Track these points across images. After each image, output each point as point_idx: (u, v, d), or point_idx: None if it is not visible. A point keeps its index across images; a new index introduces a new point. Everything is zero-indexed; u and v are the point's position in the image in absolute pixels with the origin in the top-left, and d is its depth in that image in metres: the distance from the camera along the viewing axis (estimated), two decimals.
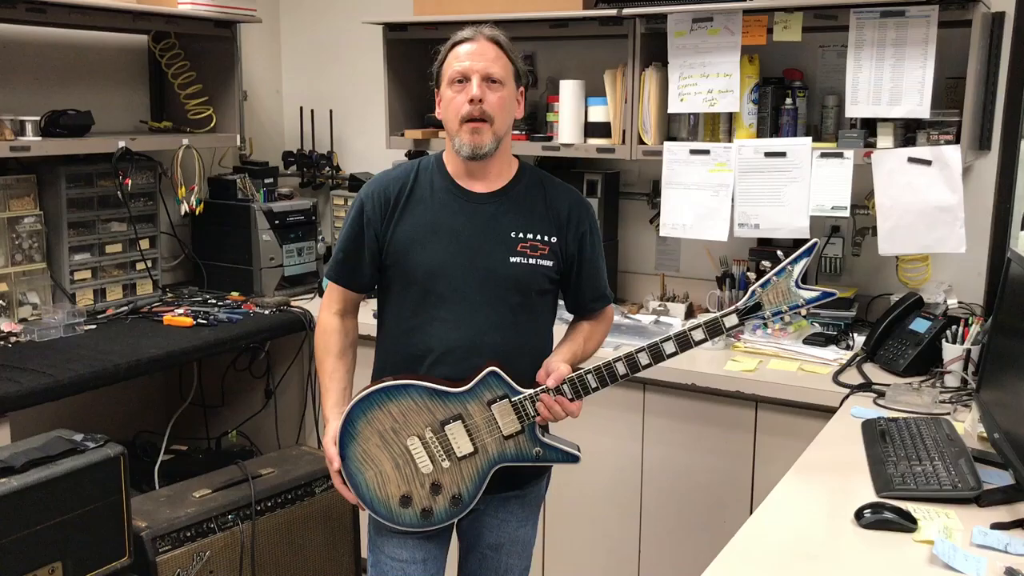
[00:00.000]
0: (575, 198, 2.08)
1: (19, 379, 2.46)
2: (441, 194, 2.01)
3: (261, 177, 3.62)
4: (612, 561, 2.85)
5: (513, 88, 1.99)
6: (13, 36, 3.11)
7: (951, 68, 2.66)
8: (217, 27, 3.42)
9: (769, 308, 1.89)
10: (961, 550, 1.56)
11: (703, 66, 2.85)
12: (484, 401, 1.94)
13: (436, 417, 1.94)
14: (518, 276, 1.98)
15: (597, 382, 1.93)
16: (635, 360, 1.92)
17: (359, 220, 2.03)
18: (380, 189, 2.03)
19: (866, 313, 2.98)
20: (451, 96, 1.94)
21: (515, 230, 1.99)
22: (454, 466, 1.95)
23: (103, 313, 3.17)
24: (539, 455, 1.97)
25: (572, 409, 1.95)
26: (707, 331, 1.89)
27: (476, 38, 1.95)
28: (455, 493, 1.96)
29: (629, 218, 3.36)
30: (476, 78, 1.91)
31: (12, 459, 2.03)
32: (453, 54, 1.95)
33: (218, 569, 2.48)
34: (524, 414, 1.94)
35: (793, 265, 1.86)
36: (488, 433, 1.94)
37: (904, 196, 2.64)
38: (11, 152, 2.81)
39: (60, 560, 2.05)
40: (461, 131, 1.93)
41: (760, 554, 1.62)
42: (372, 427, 1.95)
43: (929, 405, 2.29)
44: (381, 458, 1.96)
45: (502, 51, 1.96)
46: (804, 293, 1.87)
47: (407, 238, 1.99)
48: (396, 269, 2.01)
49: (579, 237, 2.04)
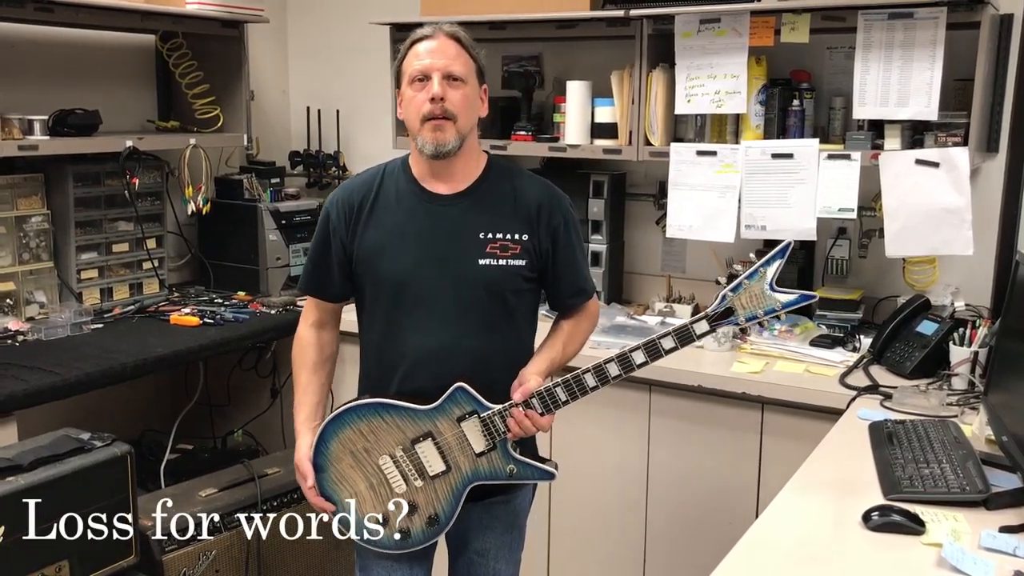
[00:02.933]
0: (546, 191, 2.00)
1: (26, 378, 2.47)
2: (406, 198, 1.96)
3: (268, 177, 3.63)
4: (617, 562, 2.85)
5: (476, 85, 1.94)
6: (22, 35, 3.12)
7: (959, 70, 2.66)
8: (224, 27, 3.43)
9: (743, 313, 1.80)
10: (970, 553, 1.55)
11: (710, 67, 2.85)
12: (453, 418, 1.90)
13: (406, 435, 1.91)
14: (489, 278, 1.92)
15: (567, 395, 1.87)
16: (604, 371, 1.86)
17: (325, 229, 2.00)
18: (344, 197, 1.99)
19: (873, 315, 2.97)
20: (412, 95, 1.89)
21: (483, 230, 1.93)
22: (427, 485, 1.92)
23: (110, 312, 3.17)
24: (512, 472, 1.93)
25: (542, 424, 1.89)
26: (677, 339, 1.83)
27: (436, 35, 1.90)
28: (431, 513, 1.94)
29: (635, 219, 3.36)
30: (437, 76, 1.86)
31: (20, 457, 2.03)
32: (413, 52, 1.90)
33: (224, 568, 2.48)
34: (494, 430, 1.89)
35: (766, 267, 1.77)
36: (460, 451, 1.91)
37: (911, 198, 2.63)
38: (19, 151, 2.82)
39: (67, 558, 2.05)
40: (423, 130, 1.88)
41: (767, 556, 1.62)
42: (344, 447, 1.94)
43: (936, 408, 2.29)
44: (355, 478, 1.94)
45: (463, 48, 1.91)
46: (780, 296, 1.78)
47: (374, 245, 1.95)
48: (366, 277, 1.98)
49: (552, 232, 1.96)
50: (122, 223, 3.28)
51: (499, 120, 3.29)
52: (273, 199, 3.58)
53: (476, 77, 1.94)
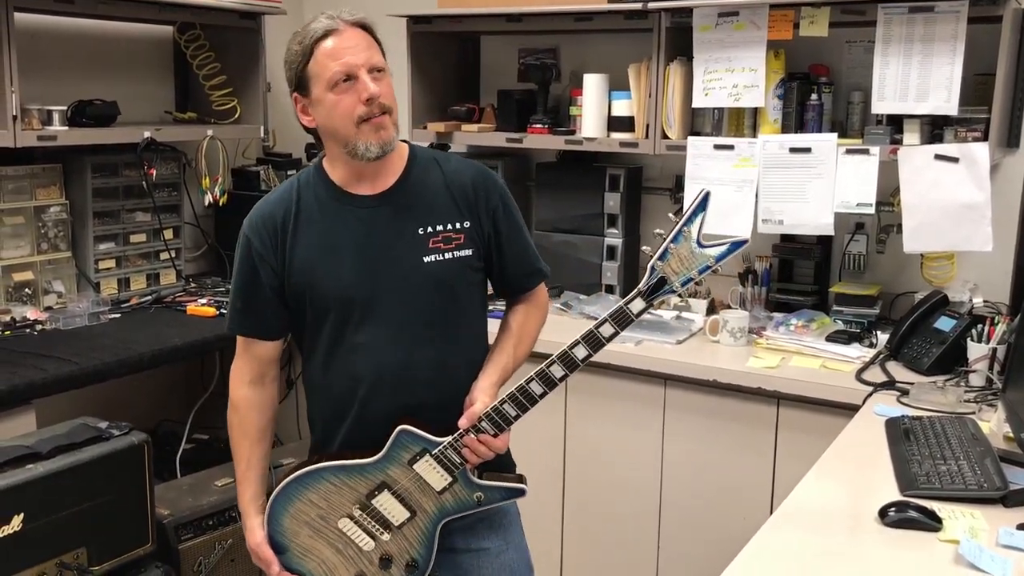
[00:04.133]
0: (477, 172, 1.84)
1: (44, 366, 2.49)
2: (330, 207, 1.78)
3: (284, 169, 3.64)
4: (631, 556, 2.85)
5: (389, 71, 1.78)
6: (42, 26, 3.14)
7: (980, 64, 2.63)
8: (242, 19, 3.43)
9: (676, 279, 1.66)
10: (987, 550, 1.55)
11: (728, 60, 2.83)
12: (404, 462, 1.76)
13: (360, 492, 1.78)
14: (437, 276, 1.77)
15: (516, 409, 1.72)
16: (549, 376, 1.71)
17: (249, 260, 1.80)
18: (262, 220, 1.79)
19: (890, 311, 2.96)
20: (335, 99, 1.69)
21: (421, 225, 1.77)
22: (395, 535, 1.79)
23: (127, 302, 3.20)
24: (481, 500, 1.79)
25: (497, 446, 1.73)
26: (615, 323, 1.68)
27: (341, 28, 1.71)
28: (407, 560, 1.81)
29: (651, 213, 3.35)
30: (364, 73, 1.69)
31: (38, 446, 2.05)
32: (322, 52, 1.70)
33: (239, 557, 2.49)
34: (450, 464, 1.75)
35: (688, 226, 1.63)
36: (420, 493, 1.77)
37: (930, 193, 2.61)
38: (38, 141, 2.83)
39: (85, 546, 2.07)
40: (361, 133, 1.70)
41: (783, 550, 1.61)
42: (298, 520, 1.81)
43: (954, 404, 2.28)
44: (318, 547, 1.82)
45: (371, 36, 1.76)
46: (710, 251, 1.64)
47: (306, 266, 1.77)
48: (303, 302, 1.79)
49: (491, 213, 1.81)
50: (139, 214, 3.30)
51: (515, 113, 3.28)
52: None
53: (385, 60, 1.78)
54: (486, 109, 3.42)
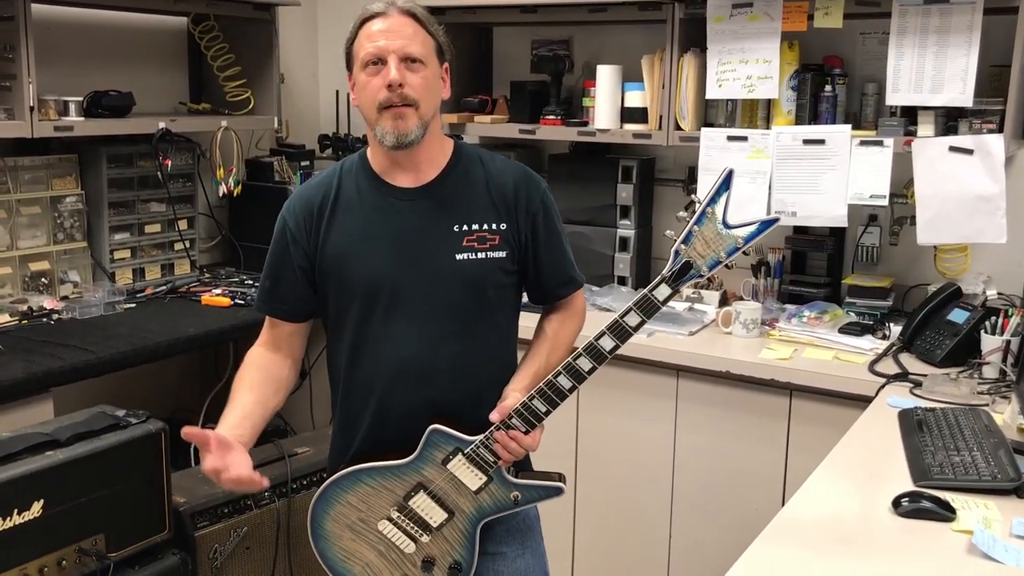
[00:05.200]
0: (521, 174, 1.82)
1: (61, 355, 2.51)
2: (369, 196, 1.78)
3: (297, 160, 3.65)
4: (644, 547, 2.86)
5: (436, 66, 1.74)
6: (58, 18, 3.15)
7: (995, 56, 2.63)
8: (256, 10, 3.45)
9: (703, 262, 1.60)
10: (1001, 541, 1.55)
11: (742, 52, 2.83)
12: (438, 462, 1.75)
13: (396, 494, 1.78)
14: (468, 274, 1.75)
15: (546, 405, 1.70)
16: (577, 369, 1.68)
17: (283, 240, 1.81)
18: (301, 202, 1.80)
19: (903, 303, 2.96)
20: (365, 80, 1.70)
21: (458, 223, 1.76)
22: (436, 537, 1.79)
23: (142, 292, 3.22)
24: (518, 499, 1.77)
25: (528, 443, 1.71)
26: (641, 312, 1.63)
27: (389, 12, 1.70)
28: (451, 563, 1.80)
29: (664, 204, 3.35)
30: (393, 59, 1.67)
31: (57, 433, 2.07)
32: (364, 32, 1.70)
33: (254, 545, 2.51)
34: (484, 463, 1.74)
35: (712, 206, 1.57)
36: (457, 493, 1.76)
37: (944, 185, 2.61)
38: (55, 132, 2.85)
39: (103, 532, 2.09)
40: (382, 119, 1.69)
41: (795, 540, 1.62)
42: (339, 524, 1.81)
43: (967, 396, 2.28)
44: (362, 550, 1.82)
45: (420, 25, 1.72)
46: (738, 232, 1.58)
47: (339, 251, 1.77)
48: (332, 288, 1.79)
49: (531, 218, 1.79)
50: (154, 204, 3.32)
51: (528, 104, 3.29)
52: (303, 181, 3.59)
53: (436, 56, 1.75)
54: (499, 100, 3.43)
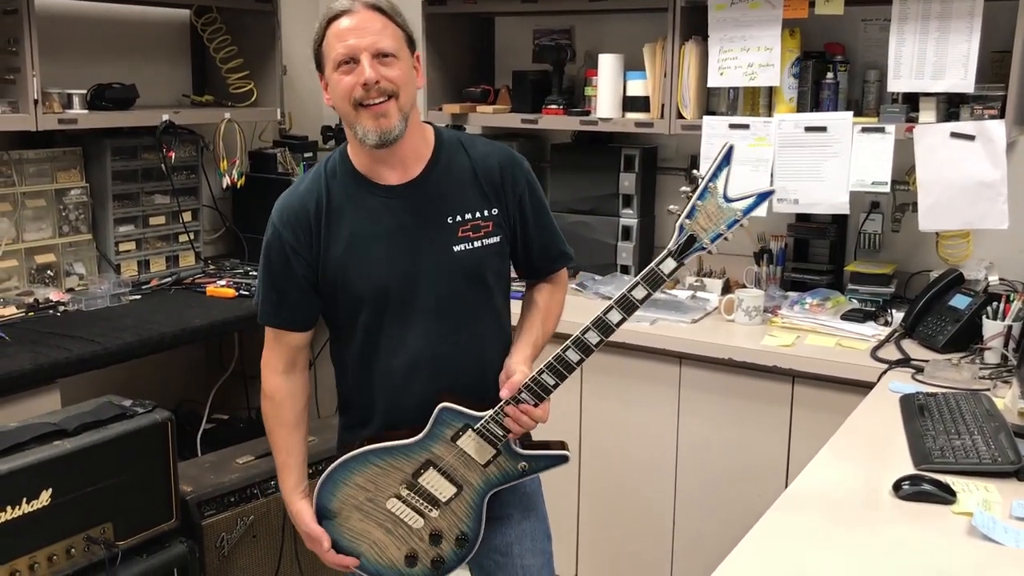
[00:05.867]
0: (504, 156, 1.84)
1: (68, 346, 2.53)
2: (359, 198, 1.77)
3: (300, 151, 3.65)
4: (647, 533, 2.88)
5: (408, 57, 1.73)
6: (62, 11, 3.16)
7: (996, 41, 2.63)
8: (258, 2, 3.45)
9: (705, 235, 1.66)
10: (1001, 522, 1.56)
11: (743, 40, 2.83)
12: (447, 439, 1.78)
13: (405, 472, 1.80)
14: (468, 264, 1.78)
15: (554, 378, 1.72)
16: (585, 343, 1.70)
17: (282, 252, 1.79)
18: (293, 212, 1.78)
19: (905, 289, 2.96)
20: (338, 79, 1.68)
21: (451, 214, 1.77)
22: (444, 511, 1.82)
23: (147, 284, 3.23)
24: (525, 469, 1.82)
25: (539, 415, 1.74)
26: (647, 285, 1.66)
27: (355, 8, 1.68)
28: (458, 535, 1.84)
29: (666, 193, 3.36)
30: (366, 57, 1.66)
31: (65, 423, 2.09)
32: (332, 31, 1.69)
33: (260, 533, 2.53)
34: (493, 437, 1.77)
35: (714, 181, 1.64)
36: (466, 468, 1.79)
37: (946, 171, 2.61)
38: (60, 125, 2.86)
39: (111, 521, 2.11)
40: (360, 117, 1.68)
41: (797, 523, 1.63)
42: (347, 505, 1.83)
43: (968, 381, 2.29)
44: (369, 529, 1.84)
45: (388, 19, 1.70)
46: (737, 205, 1.65)
47: (341, 259, 1.77)
48: (339, 295, 1.80)
49: (518, 199, 1.82)
50: (158, 196, 3.33)
51: (530, 94, 3.29)
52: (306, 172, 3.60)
53: (407, 47, 1.74)
54: (501, 90, 3.43)
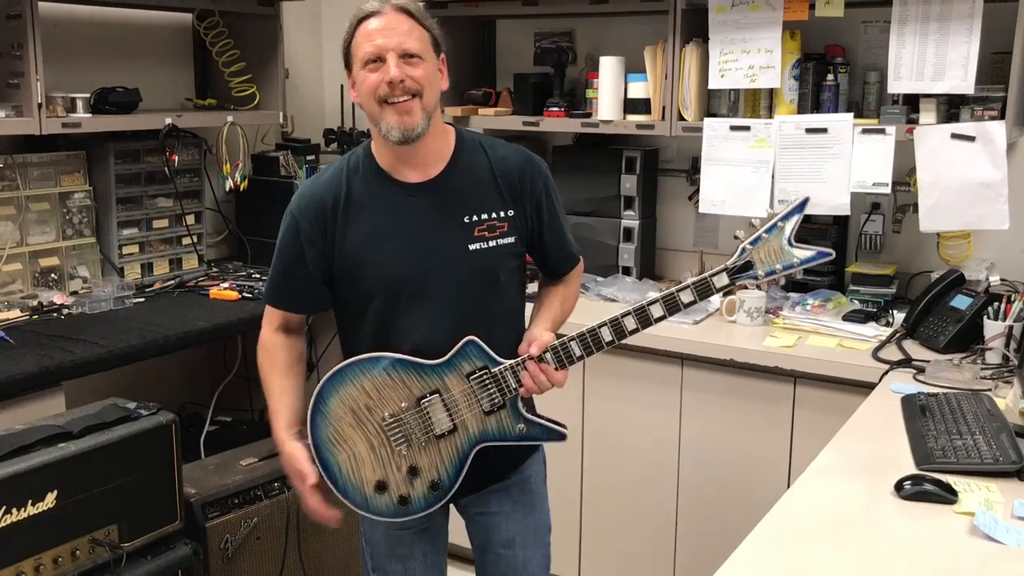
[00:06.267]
0: (524, 159, 1.89)
1: (72, 349, 2.54)
2: (380, 194, 1.83)
3: (303, 154, 3.67)
4: (649, 534, 2.88)
5: (434, 59, 1.80)
6: (65, 15, 3.18)
7: (996, 43, 2.63)
8: (260, 5, 3.46)
9: (761, 267, 1.75)
10: (1003, 522, 1.57)
11: (744, 42, 2.84)
12: (463, 373, 1.80)
13: (412, 392, 1.80)
14: (482, 263, 1.83)
15: (582, 350, 1.79)
16: (621, 325, 1.77)
17: (296, 239, 1.85)
18: (313, 202, 1.84)
19: (906, 290, 2.97)
20: (365, 77, 1.75)
21: (467, 214, 1.82)
22: (431, 446, 1.82)
23: (151, 287, 3.24)
24: (523, 432, 1.84)
25: (558, 379, 1.81)
26: (696, 292, 1.76)
27: (384, 10, 1.76)
28: (433, 478, 1.83)
29: (668, 195, 3.37)
30: (392, 56, 1.73)
31: (70, 425, 2.10)
32: (361, 31, 1.77)
33: (265, 535, 2.54)
34: (505, 386, 1.80)
35: (784, 222, 1.74)
36: (468, 408, 1.81)
37: (946, 172, 2.62)
38: (63, 128, 2.88)
39: (116, 522, 2.12)
40: (385, 114, 1.74)
41: (799, 524, 1.64)
42: (345, 405, 1.81)
43: (970, 381, 2.29)
44: (355, 438, 1.82)
45: (415, 21, 1.77)
46: (798, 252, 1.74)
47: (356, 250, 1.82)
48: (349, 285, 1.85)
49: (536, 202, 1.87)
50: (162, 199, 3.34)
51: (532, 96, 3.30)
52: (308, 176, 3.62)
53: (433, 49, 1.80)
54: (502, 93, 3.44)
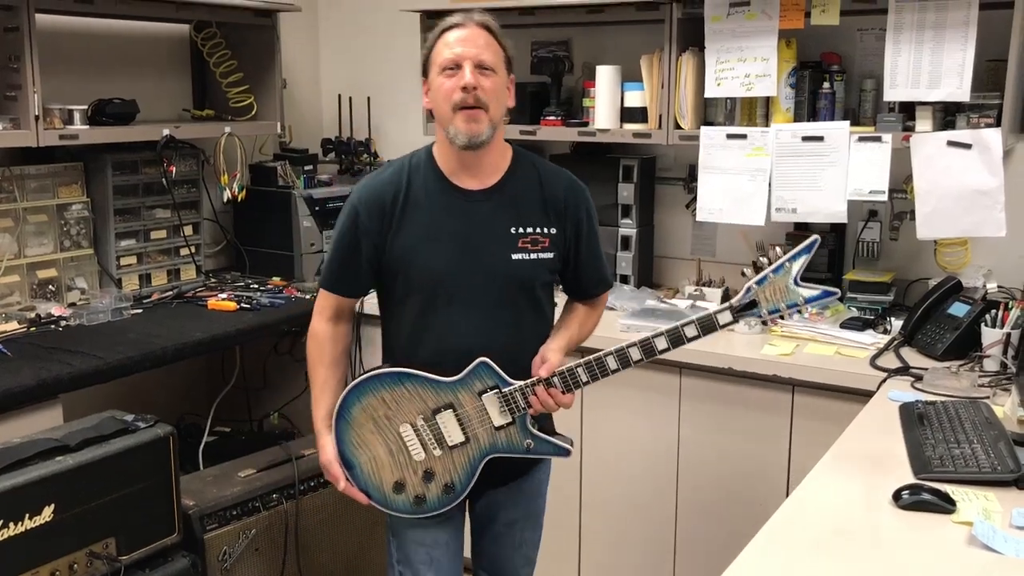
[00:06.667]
0: (570, 183, 2.05)
1: (70, 361, 2.53)
2: (437, 196, 1.97)
3: (301, 164, 3.67)
4: (649, 544, 2.88)
5: (504, 76, 1.94)
6: (62, 27, 3.18)
7: (992, 50, 2.64)
8: (257, 16, 3.47)
9: (766, 306, 1.84)
10: (1001, 531, 1.56)
11: (740, 50, 2.85)
12: (475, 391, 1.94)
13: (428, 405, 1.96)
14: (522, 273, 1.97)
15: (588, 376, 1.92)
16: (627, 355, 1.90)
17: (354, 230, 1.99)
18: (374, 197, 1.98)
19: (904, 297, 2.97)
20: (441, 83, 1.89)
21: (514, 225, 1.97)
22: (446, 455, 1.97)
23: (149, 298, 3.24)
24: (529, 447, 1.98)
25: (564, 401, 1.95)
26: (700, 328, 1.88)
27: (467, 24, 1.91)
28: (447, 482, 1.98)
29: (665, 203, 3.37)
30: (468, 65, 1.87)
31: (67, 438, 2.09)
32: (443, 41, 1.91)
33: (263, 547, 2.54)
34: (515, 406, 1.94)
35: (792, 262, 1.82)
36: (479, 423, 1.96)
37: (943, 180, 2.62)
38: (60, 140, 2.88)
39: (113, 535, 2.11)
40: (456, 119, 1.88)
41: (798, 533, 1.64)
42: (366, 413, 1.98)
43: (968, 389, 2.29)
44: (375, 443, 1.99)
45: (493, 37, 1.92)
46: (803, 291, 1.82)
47: (408, 245, 1.96)
48: (398, 277, 1.99)
49: (576, 224, 2.02)
50: (159, 210, 3.34)
51: (528, 105, 3.30)
52: (307, 186, 3.63)
53: (505, 67, 1.94)
54: None
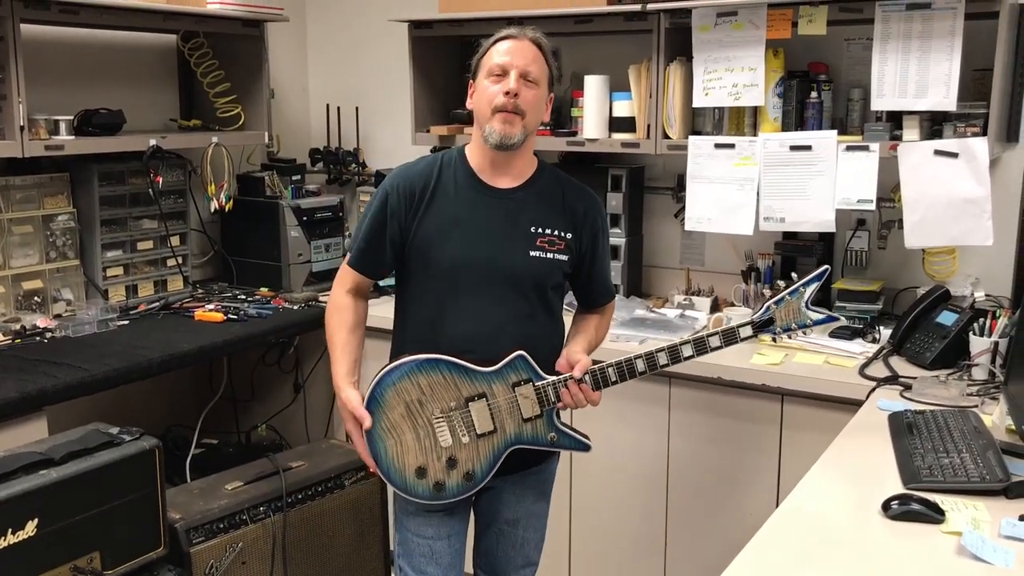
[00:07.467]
0: (590, 199, 2.17)
1: (55, 373, 2.52)
2: (464, 189, 2.08)
3: (289, 174, 3.67)
4: (639, 553, 2.87)
5: (546, 91, 2.07)
6: (47, 37, 3.17)
7: (978, 60, 2.65)
8: (245, 26, 3.47)
9: (780, 324, 2.05)
10: (990, 541, 1.56)
11: (728, 60, 2.85)
12: (509, 383, 2.03)
13: (462, 393, 2.02)
14: (537, 270, 2.07)
15: (617, 376, 2.04)
16: (654, 359, 2.03)
17: (383, 211, 2.10)
18: (405, 182, 2.09)
19: (892, 306, 2.98)
20: (487, 86, 2.03)
21: (534, 224, 2.08)
22: (472, 442, 2.03)
23: (135, 309, 3.22)
24: (553, 440, 2.07)
25: (594, 398, 2.06)
26: (723, 339, 2.05)
27: (520, 37, 2.05)
28: (469, 469, 2.04)
29: (654, 212, 3.37)
30: (514, 73, 2.00)
31: (52, 451, 2.07)
32: (495, 49, 2.05)
33: (250, 560, 2.51)
34: (546, 399, 2.03)
35: (806, 287, 2.04)
36: (508, 414, 2.03)
37: (930, 189, 2.63)
38: (46, 151, 2.86)
39: (98, 550, 2.09)
40: (493, 119, 2.01)
41: (787, 544, 1.63)
42: (400, 397, 2.02)
43: (956, 398, 2.29)
44: (404, 428, 2.03)
45: (542, 54, 2.06)
46: (812, 314, 2.05)
47: (431, 232, 2.06)
48: (419, 262, 2.09)
49: (593, 235, 2.14)
50: (146, 221, 3.33)
51: None
52: (294, 196, 3.62)
53: (548, 83, 2.07)
54: None
